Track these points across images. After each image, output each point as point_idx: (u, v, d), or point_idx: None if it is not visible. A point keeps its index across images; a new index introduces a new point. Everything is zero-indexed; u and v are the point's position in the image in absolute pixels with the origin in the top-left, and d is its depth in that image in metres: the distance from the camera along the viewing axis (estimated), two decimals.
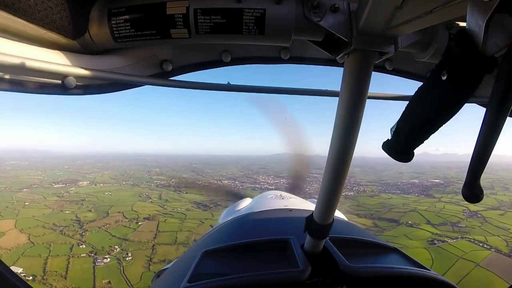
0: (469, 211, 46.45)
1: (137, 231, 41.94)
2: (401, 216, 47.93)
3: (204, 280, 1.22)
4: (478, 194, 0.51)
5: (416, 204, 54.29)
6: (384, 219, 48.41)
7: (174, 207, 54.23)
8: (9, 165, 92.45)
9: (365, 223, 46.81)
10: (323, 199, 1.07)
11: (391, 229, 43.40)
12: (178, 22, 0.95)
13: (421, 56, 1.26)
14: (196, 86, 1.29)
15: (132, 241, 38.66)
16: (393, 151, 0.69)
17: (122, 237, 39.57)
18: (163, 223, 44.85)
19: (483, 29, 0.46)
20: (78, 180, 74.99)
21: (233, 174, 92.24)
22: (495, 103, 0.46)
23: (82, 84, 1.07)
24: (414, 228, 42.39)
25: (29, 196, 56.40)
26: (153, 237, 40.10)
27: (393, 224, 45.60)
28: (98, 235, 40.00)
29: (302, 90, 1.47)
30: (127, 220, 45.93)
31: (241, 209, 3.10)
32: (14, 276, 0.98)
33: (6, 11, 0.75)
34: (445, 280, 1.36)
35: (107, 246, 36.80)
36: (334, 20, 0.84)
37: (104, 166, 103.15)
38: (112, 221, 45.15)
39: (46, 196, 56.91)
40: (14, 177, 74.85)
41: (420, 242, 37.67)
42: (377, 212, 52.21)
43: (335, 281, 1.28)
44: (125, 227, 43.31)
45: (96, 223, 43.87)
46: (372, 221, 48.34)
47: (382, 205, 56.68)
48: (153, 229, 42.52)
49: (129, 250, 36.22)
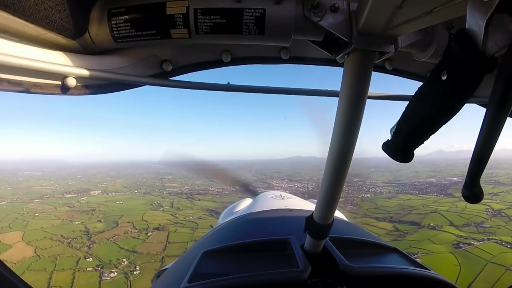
0: (492, 210, 44.41)
1: (146, 242, 40.58)
2: (422, 218, 45.73)
3: (204, 280, 1.23)
4: (478, 194, 0.51)
5: (437, 204, 52.16)
6: (404, 222, 46.04)
7: (186, 215, 53.28)
8: (23, 175, 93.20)
9: (385, 227, 44.97)
10: (323, 199, 1.07)
11: (413, 233, 41.09)
12: (178, 22, 0.95)
13: (421, 56, 1.26)
14: (196, 86, 1.28)
15: (140, 253, 37.21)
16: (393, 151, 0.69)
17: (131, 249, 38.21)
18: (174, 234, 43.48)
19: (483, 29, 0.46)
20: (90, 190, 75.11)
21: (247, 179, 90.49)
22: (495, 103, 0.46)
23: (82, 84, 1.06)
24: (437, 231, 40.08)
25: (40, 206, 56.16)
26: (162, 248, 38.65)
27: (415, 227, 43.33)
28: (106, 247, 38.85)
29: (302, 90, 1.46)
30: (137, 230, 44.83)
31: (241, 209, 3.15)
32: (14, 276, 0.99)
33: (6, 11, 0.75)
34: (445, 280, 1.37)
35: (114, 259, 35.31)
36: (334, 20, 0.84)
37: (117, 174, 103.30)
38: (121, 231, 44.10)
39: (57, 207, 56.53)
40: (26, 187, 75.38)
41: (445, 246, 35.34)
42: (396, 215, 49.89)
43: (335, 281, 1.29)
44: (134, 238, 42.18)
45: (105, 234, 42.88)
46: (392, 224, 46.07)
47: (401, 207, 54.49)
48: (163, 240, 41.22)
49: (137, 263, 34.71)
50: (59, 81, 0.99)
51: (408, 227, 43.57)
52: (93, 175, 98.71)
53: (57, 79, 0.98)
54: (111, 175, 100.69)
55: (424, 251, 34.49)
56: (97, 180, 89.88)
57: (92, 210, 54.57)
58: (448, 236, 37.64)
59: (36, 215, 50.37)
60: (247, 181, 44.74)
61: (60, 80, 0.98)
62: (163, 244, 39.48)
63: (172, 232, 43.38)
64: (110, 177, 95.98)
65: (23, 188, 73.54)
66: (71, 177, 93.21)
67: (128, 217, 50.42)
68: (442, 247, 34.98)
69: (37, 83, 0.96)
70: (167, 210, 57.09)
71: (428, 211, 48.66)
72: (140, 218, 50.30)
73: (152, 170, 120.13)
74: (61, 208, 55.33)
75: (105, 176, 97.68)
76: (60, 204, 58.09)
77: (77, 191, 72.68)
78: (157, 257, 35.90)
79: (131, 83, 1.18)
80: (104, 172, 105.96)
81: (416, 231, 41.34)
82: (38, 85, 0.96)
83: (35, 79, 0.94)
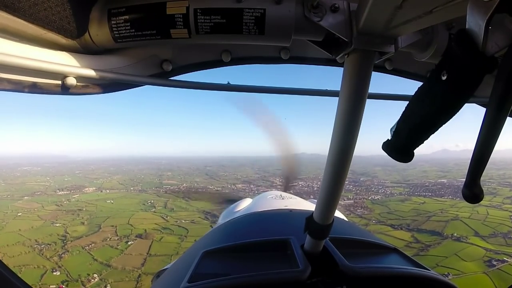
0: None
1: (124, 254, 36.05)
2: (443, 227, 41.41)
3: (204, 280, 1.23)
4: (478, 194, 0.51)
5: (455, 209, 47.80)
6: (424, 231, 41.27)
7: (179, 218, 49.51)
8: (21, 171, 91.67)
9: (402, 236, 40.05)
10: (323, 199, 1.07)
11: (436, 246, 36.43)
12: (178, 22, 0.95)
13: (421, 56, 1.25)
14: (196, 86, 1.29)
15: (115, 268, 32.67)
16: (393, 151, 0.69)
17: (105, 262, 33.75)
18: (157, 243, 38.90)
19: (483, 29, 0.46)
20: (84, 187, 73.39)
21: (249, 177, 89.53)
22: (495, 103, 0.46)
23: (82, 84, 1.07)
24: (463, 243, 35.76)
25: (28, 205, 53.82)
26: (141, 263, 33.83)
27: (437, 238, 38.79)
28: (79, 258, 34.65)
29: (302, 90, 1.46)
30: (117, 238, 40.58)
31: (241, 209, 3.11)
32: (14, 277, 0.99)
33: (6, 11, 0.76)
34: (445, 280, 1.37)
35: (84, 274, 30.97)
36: (334, 20, 0.84)
37: (116, 170, 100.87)
38: (100, 238, 40.10)
39: (45, 205, 54.43)
40: (20, 184, 73.67)
41: (476, 263, 30.83)
42: (414, 222, 45.20)
43: (335, 281, 1.29)
44: (112, 247, 37.75)
45: (82, 240, 38.98)
46: (410, 233, 41.18)
47: (417, 212, 49.98)
48: (144, 251, 36.55)
49: (109, 281, 30.19)
50: (59, 80, 0.99)
51: (429, 238, 38.89)
52: (92, 171, 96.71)
53: (57, 78, 0.98)
54: (110, 171, 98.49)
55: (455, 271, 29.83)
56: (94, 176, 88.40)
57: (79, 210, 51.87)
58: (476, 250, 33.34)
59: (19, 214, 47.92)
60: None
61: (60, 80, 0.99)
62: (143, 257, 35.02)
63: (156, 241, 39.29)
64: (108, 173, 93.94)
65: (17, 184, 72.49)
66: (69, 173, 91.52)
67: (114, 220, 47.03)
68: (473, 265, 30.46)
69: (37, 83, 0.96)
70: (159, 211, 53.69)
71: (448, 218, 44.37)
72: (127, 221, 46.69)
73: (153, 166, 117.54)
74: (48, 207, 53.11)
75: (103, 172, 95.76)
76: (49, 203, 55.92)
77: (70, 188, 71.58)
78: (132, 274, 31.50)
79: (131, 83, 1.19)
80: (103, 168, 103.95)
81: (440, 243, 36.78)
82: (38, 84, 0.96)
83: (35, 78, 0.95)
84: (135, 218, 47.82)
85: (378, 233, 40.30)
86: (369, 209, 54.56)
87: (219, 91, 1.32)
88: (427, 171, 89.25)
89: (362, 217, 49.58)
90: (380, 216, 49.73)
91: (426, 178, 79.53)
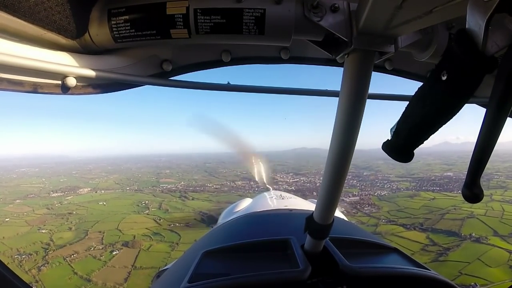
0: None
1: (107, 266, 33.06)
2: (459, 226, 37.62)
3: (204, 280, 1.23)
4: (478, 194, 0.52)
5: (469, 206, 41.71)
6: (439, 232, 37.42)
7: (173, 221, 46.39)
8: (18, 172, 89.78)
9: (417, 238, 36.37)
10: (323, 199, 1.07)
11: (455, 248, 32.68)
12: (178, 22, 0.95)
13: (421, 56, 1.25)
14: (196, 86, 1.29)
15: (95, 283, 29.89)
16: (393, 151, 0.69)
17: (85, 276, 31.00)
18: (145, 253, 35.67)
19: (483, 29, 0.46)
20: (79, 187, 71.88)
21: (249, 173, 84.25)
22: (495, 103, 0.46)
23: (82, 84, 1.07)
24: (484, 245, 32.26)
25: (18, 209, 51.61)
26: (124, 277, 30.85)
27: (454, 239, 34.90)
28: (58, 271, 32.05)
29: (302, 90, 1.46)
30: (101, 247, 37.51)
31: (241, 209, 3.10)
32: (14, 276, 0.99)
33: (6, 11, 0.76)
34: (445, 280, 1.37)
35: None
36: (334, 20, 0.84)
37: (114, 169, 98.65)
38: (84, 247, 37.24)
39: (36, 209, 52.19)
40: (15, 186, 71.55)
41: (502, 269, 27.63)
42: (427, 221, 41.24)
43: (335, 281, 1.29)
44: (95, 258, 34.77)
45: (65, 250, 36.29)
46: (425, 234, 37.37)
47: (429, 209, 46.16)
48: (129, 263, 33.28)
49: None
50: (59, 80, 0.99)
51: (446, 239, 35.01)
52: (89, 171, 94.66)
53: (57, 78, 0.99)
54: (107, 170, 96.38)
55: (482, 281, 26.34)
56: (91, 176, 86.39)
57: (69, 214, 49.71)
58: (499, 253, 29.98)
59: (6, 220, 45.62)
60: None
61: (60, 80, 0.99)
62: (127, 270, 31.96)
63: (143, 250, 36.12)
64: (105, 172, 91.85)
65: (12, 187, 70.54)
66: (65, 173, 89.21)
67: (103, 225, 44.44)
68: (499, 272, 27.14)
69: (37, 83, 0.96)
70: (152, 213, 50.80)
71: (463, 216, 40.31)
72: (116, 226, 43.92)
73: (152, 164, 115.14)
74: (38, 211, 51.04)
75: (101, 171, 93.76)
76: (40, 206, 53.80)
77: (65, 189, 70.06)
78: None
79: (131, 83, 1.19)
80: (101, 167, 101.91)
81: (459, 246, 33.05)
82: (38, 84, 0.97)
83: (35, 78, 0.95)
84: (125, 222, 45.24)
85: (389, 234, 36.73)
86: (377, 206, 50.75)
87: (219, 91, 1.32)
88: (431, 164, 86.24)
89: (370, 215, 46.19)
90: (389, 214, 45.79)
91: (431, 171, 76.08)
